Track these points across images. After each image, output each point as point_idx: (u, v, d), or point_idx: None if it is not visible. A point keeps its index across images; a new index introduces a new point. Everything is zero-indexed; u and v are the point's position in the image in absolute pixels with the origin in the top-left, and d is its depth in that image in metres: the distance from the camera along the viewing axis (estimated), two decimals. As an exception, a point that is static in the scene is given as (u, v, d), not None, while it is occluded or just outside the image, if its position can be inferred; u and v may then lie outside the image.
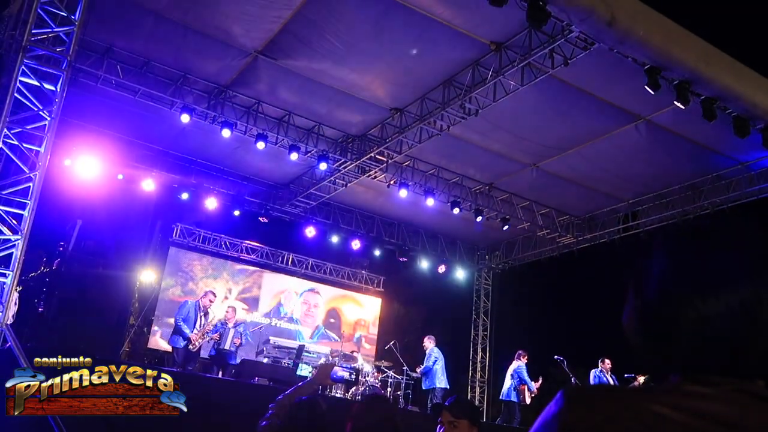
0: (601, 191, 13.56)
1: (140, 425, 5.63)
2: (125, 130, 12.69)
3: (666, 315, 0.91)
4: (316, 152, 12.26)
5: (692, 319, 0.89)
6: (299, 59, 10.05)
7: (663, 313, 0.92)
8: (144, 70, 10.75)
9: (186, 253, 16.23)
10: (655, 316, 0.93)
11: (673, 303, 0.91)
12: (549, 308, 24.95)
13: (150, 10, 9.30)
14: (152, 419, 3.27)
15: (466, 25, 8.89)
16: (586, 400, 0.89)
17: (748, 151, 11.06)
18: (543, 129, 11.22)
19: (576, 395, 0.91)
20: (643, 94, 8.59)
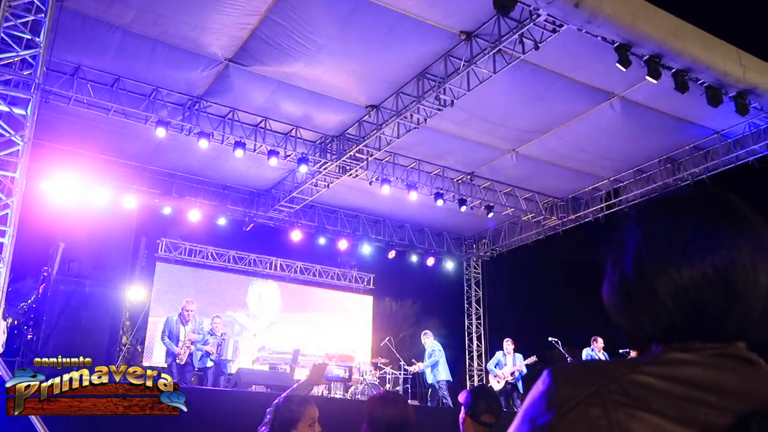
0: (582, 171, 13.65)
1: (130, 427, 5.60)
2: (101, 148, 12.57)
3: (643, 286, 0.92)
4: (296, 155, 12.22)
5: (669, 288, 0.90)
6: (271, 64, 10.01)
7: (640, 284, 0.93)
8: (115, 87, 10.66)
9: (173, 267, 16.13)
10: (633, 289, 0.94)
11: (649, 274, 0.92)
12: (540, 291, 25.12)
13: (116, 26, 9.22)
14: (147, 424, 3.26)
15: (435, 16, 8.90)
16: (572, 376, 0.90)
17: (722, 120, 11.17)
18: (519, 114, 11.27)
19: (562, 372, 0.91)
20: (615, 71, 8.66)
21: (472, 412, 3.08)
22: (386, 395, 3.32)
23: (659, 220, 0.96)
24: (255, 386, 10.20)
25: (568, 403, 0.86)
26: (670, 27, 8.53)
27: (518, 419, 0.92)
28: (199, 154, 12.43)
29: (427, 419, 8.78)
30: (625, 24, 8.07)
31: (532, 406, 0.91)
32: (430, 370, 12.42)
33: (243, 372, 11.06)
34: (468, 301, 18.01)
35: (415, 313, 27.42)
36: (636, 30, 8.18)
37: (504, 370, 12.43)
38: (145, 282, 15.48)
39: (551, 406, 0.88)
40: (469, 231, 17.63)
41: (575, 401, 0.86)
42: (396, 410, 3.13)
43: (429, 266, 17.21)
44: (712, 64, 8.92)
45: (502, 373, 12.40)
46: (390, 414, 3.10)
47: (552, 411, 0.87)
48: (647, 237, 0.94)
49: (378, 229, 16.41)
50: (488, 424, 3.05)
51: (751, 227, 0.92)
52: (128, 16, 8.99)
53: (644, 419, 0.83)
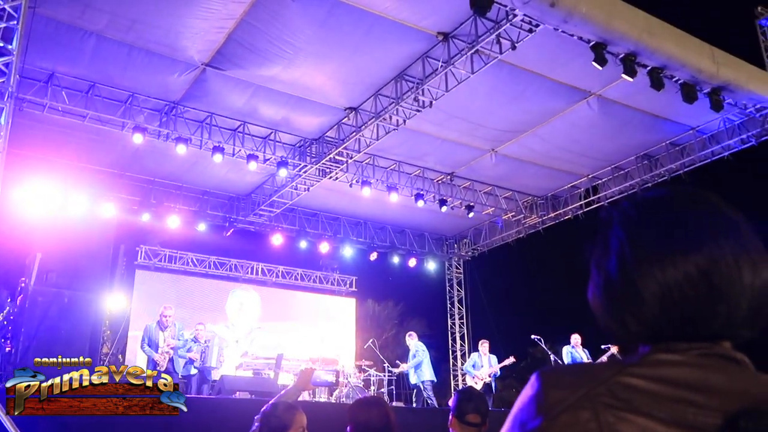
0: (561, 169, 13.76)
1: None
2: (77, 156, 12.42)
3: (628, 288, 0.92)
4: (275, 159, 12.17)
5: (653, 289, 0.90)
6: (248, 68, 9.96)
7: (625, 286, 0.93)
8: (90, 94, 10.53)
9: (153, 274, 15.99)
10: (617, 290, 0.94)
11: (633, 275, 0.92)
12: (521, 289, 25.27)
13: (90, 32, 9.11)
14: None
15: (412, 18, 8.92)
16: (560, 380, 0.90)
17: (697, 116, 11.33)
18: (498, 114, 11.32)
19: (551, 376, 0.91)
20: (592, 70, 8.74)
21: (458, 413, 3.10)
22: (367, 399, 3.34)
23: (642, 221, 0.96)
24: (239, 393, 10.12)
25: (557, 406, 0.86)
26: (645, 25, 8.62)
27: (508, 424, 0.92)
28: (177, 159, 12.33)
29: (412, 420, 8.78)
30: (600, 23, 8.14)
31: (521, 411, 0.91)
32: (413, 370, 12.43)
33: (226, 379, 10.96)
34: (450, 301, 18.06)
35: (398, 314, 27.48)
36: (611, 29, 8.26)
37: (481, 371, 12.48)
38: (125, 290, 15.32)
39: (541, 410, 0.87)
40: (450, 231, 17.68)
41: (564, 405, 0.86)
42: (377, 413, 3.15)
43: (411, 267, 17.23)
44: (687, 61, 9.03)
45: (480, 374, 12.46)
46: (371, 417, 3.12)
47: (542, 415, 0.87)
48: (630, 238, 0.95)
49: (359, 231, 16.39)
50: (475, 424, 3.07)
51: (733, 225, 0.92)
52: (102, 22, 8.90)
53: (633, 421, 0.83)
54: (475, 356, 12.83)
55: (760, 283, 0.90)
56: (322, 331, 17.66)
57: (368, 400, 3.32)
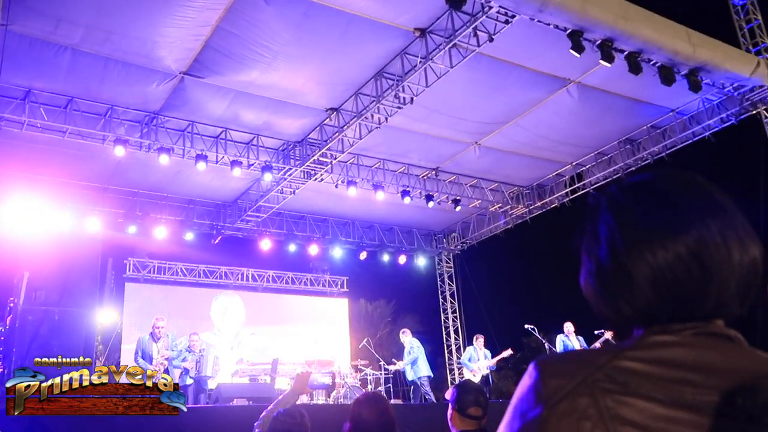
0: (544, 158, 13.81)
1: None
2: (59, 172, 12.31)
3: (620, 273, 0.93)
4: (259, 164, 12.13)
5: (645, 273, 0.91)
6: (226, 74, 9.92)
7: (617, 271, 0.93)
8: (69, 109, 10.45)
9: (143, 286, 15.91)
10: (610, 276, 0.95)
11: (624, 260, 0.92)
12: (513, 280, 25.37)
13: (65, 46, 9.04)
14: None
15: (388, 15, 8.91)
16: (558, 368, 0.90)
17: (676, 98, 11.41)
18: (479, 106, 11.34)
19: (548, 365, 0.92)
20: (570, 58, 8.78)
21: (458, 407, 3.09)
22: (366, 396, 3.33)
23: (630, 206, 0.97)
24: (236, 400, 10.09)
25: (556, 395, 0.87)
26: (620, 11, 8.67)
27: (509, 415, 0.93)
28: (160, 170, 12.26)
29: (411, 416, 8.79)
30: (575, 10, 8.18)
31: (521, 401, 0.91)
32: (410, 367, 12.44)
33: (223, 387, 10.93)
34: (442, 296, 18.10)
35: (391, 312, 27.50)
36: (586, 16, 8.30)
37: (478, 364, 12.52)
38: (116, 304, 15.23)
39: (540, 399, 0.88)
40: (438, 226, 17.71)
41: (563, 392, 0.86)
42: (376, 411, 3.14)
43: (401, 264, 17.24)
44: (663, 44, 9.10)
45: (477, 366, 12.49)
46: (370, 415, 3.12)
47: (541, 404, 0.87)
48: (619, 223, 0.95)
49: (347, 231, 16.38)
50: (476, 417, 3.07)
51: (719, 205, 0.94)
52: (77, 36, 8.83)
53: (632, 404, 0.83)
54: (471, 350, 12.87)
55: (748, 260, 0.91)
56: (316, 333, 17.67)
57: (366, 397, 3.31)
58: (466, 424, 3.07)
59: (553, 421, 0.86)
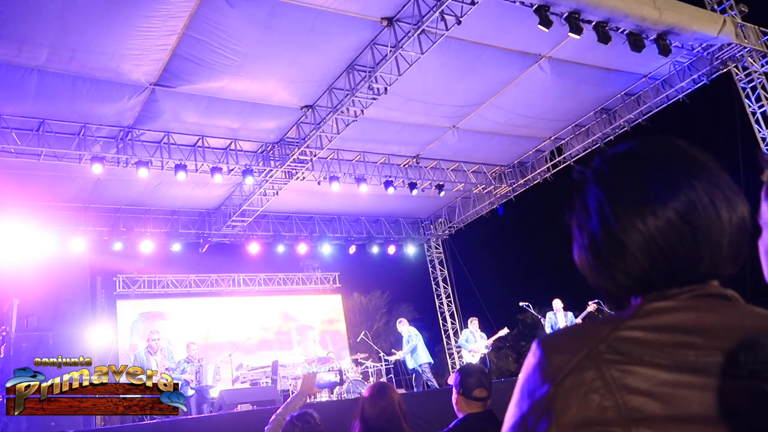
0: (523, 135, 13.85)
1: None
2: (39, 195, 12.19)
3: (613, 244, 0.93)
4: (239, 168, 12.07)
5: (638, 241, 0.91)
6: (197, 81, 9.84)
7: (610, 243, 0.94)
8: (41, 131, 10.33)
9: (134, 302, 15.81)
10: (603, 248, 0.95)
11: (616, 231, 0.93)
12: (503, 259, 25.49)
13: (31, 68, 8.92)
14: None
15: (354, 7, 8.87)
16: (561, 344, 0.91)
17: (648, 64, 11.47)
18: (453, 90, 11.34)
19: (551, 342, 0.92)
20: (539, 33, 8.80)
21: (463, 390, 3.11)
22: (369, 391, 3.34)
23: (616, 177, 0.97)
24: (240, 405, 10.07)
25: (561, 371, 0.87)
26: (583, -19, 8.69)
27: (516, 395, 0.93)
28: (140, 183, 12.16)
29: (416, 404, 8.82)
30: (539, -15, 8.18)
31: (527, 380, 0.92)
32: (410, 355, 12.48)
33: (225, 394, 10.89)
34: (435, 282, 18.15)
35: (385, 303, 27.55)
36: (551, -11, 8.31)
37: (476, 345, 12.59)
38: (109, 322, 15.13)
39: (546, 377, 0.88)
40: (424, 213, 17.73)
41: (568, 368, 0.87)
42: (380, 405, 3.16)
43: (391, 255, 17.26)
44: (629, 11, 9.14)
45: (476, 347, 12.56)
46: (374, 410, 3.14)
47: (548, 382, 0.88)
48: (608, 195, 0.96)
49: (334, 227, 16.36)
50: (481, 398, 3.08)
51: (703, 167, 0.94)
52: (42, 57, 8.71)
53: (638, 372, 0.84)
54: (467, 332, 12.94)
55: (737, 219, 0.92)
56: (313, 331, 17.65)
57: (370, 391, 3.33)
58: (471, 407, 3.08)
59: (562, 397, 0.86)
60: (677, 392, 0.83)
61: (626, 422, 0.83)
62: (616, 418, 0.83)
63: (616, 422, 0.83)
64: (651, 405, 0.83)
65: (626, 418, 0.83)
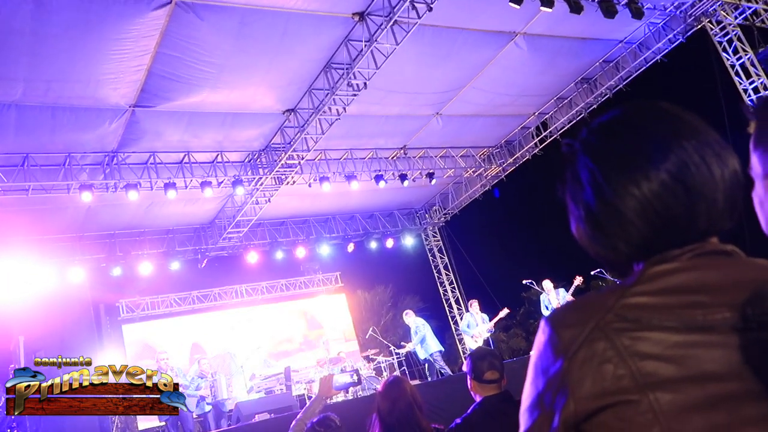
0: (506, 114, 13.84)
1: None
2: (33, 230, 12.13)
3: (609, 212, 0.94)
4: (229, 180, 12.04)
5: (634, 206, 0.92)
6: (176, 98, 9.79)
7: (605, 211, 0.94)
8: (26, 166, 10.27)
9: (139, 325, 15.79)
10: (599, 217, 0.95)
11: (611, 198, 0.93)
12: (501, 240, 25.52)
13: (7, 104, 8.88)
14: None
15: (324, 6, 8.83)
16: (569, 319, 0.91)
17: (622, 29, 11.46)
18: (432, 77, 11.32)
19: (558, 318, 0.93)
20: (511, 10, 8.79)
21: (475, 375, 3.12)
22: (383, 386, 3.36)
23: (605, 145, 0.97)
24: (257, 415, 10.08)
25: (572, 345, 0.88)
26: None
27: (531, 374, 0.93)
28: (132, 206, 12.13)
29: (432, 393, 8.83)
30: (506, -37, 8.17)
31: (540, 358, 0.92)
32: (420, 346, 12.50)
33: (242, 405, 10.90)
34: (436, 270, 18.17)
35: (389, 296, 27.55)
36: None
37: (478, 329, 12.62)
38: (117, 348, 15.10)
39: (558, 352, 0.89)
40: (417, 203, 17.73)
41: (579, 341, 0.87)
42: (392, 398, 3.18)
43: (390, 248, 17.25)
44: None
45: (478, 331, 12.59)
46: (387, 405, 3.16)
47: (560, 357, 0.88)
48: (599, 164, 0.96)
49: (330, 227, 16.35)
50: (493, 381, 3.10)
51: (690, 126, 0.94)
52: (17, 91, 8.66)
53: (648, 338, 0.84)
54: (468, 316, 12.97)
55: (729, 173, 0.92)
56: (321, 333, 17.66)
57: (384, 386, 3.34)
58: (486, 390, 3.10)
59: (576, 371, 0.87)
60: (689, 352, 0.83)
61: (642, 388, 0.83)
62: (632, 386, 0.83)
63: (632, 389, 0.83)
64: (665, 368, 0.83)
65: (642, 384, 0.83)
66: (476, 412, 3.06)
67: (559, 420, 0.88)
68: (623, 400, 0.84)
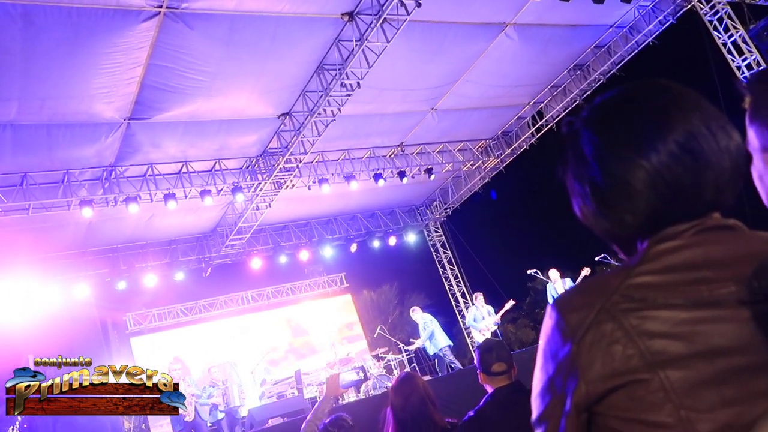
0: (501, 106, 13.83)
1: None
2: (36, 248, 12.15)
3: (616, 185, 0.93)
4: (228, 187, 12.05)
5: (643, 178, 0.91)
6: (171, 108, 9.80)
7: (613, 185, 0.94)
8: (25, 185, 10.28)
9: (148, 337, 15.80)
10: (606, 192, 0.95)
11: (619, 172, 0.93)
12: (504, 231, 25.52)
13: (3, 124, 8.88)
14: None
15: (312, 8, 8.82)
16: (575, 302, 0.91)
17: (612, 13, 11.45)
18: (425, 73, 11.31)
19: (565, 302, 0.93)
20: (500, 2, 8.79)
21: (484, 368, 3.13)
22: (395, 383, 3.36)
23: (610, 120, 0.97)
24: (271, 420, 10.09)
25: (580, 328, 0.88)
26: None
27: (540, 359, 0.94)
28: (133, 219, 12.14)
29: (444, 388, 8.84)
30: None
31: (548, 343, 0.92)
32: (428, 342, 12.51)
33: (254, 411, 10.91)
34: (441, 265, 18.16)
35: (395, 294, 27.59)
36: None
37: (484, 322, 12.63)
38: (127, 362, 15.11)
39: (566, 336, 0.89)
40: (417, 199, 17.73)
41: (586, 324, 0.87)
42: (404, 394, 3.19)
43: (393, 246, 17.26)
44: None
45: (485, 324, 12.60)
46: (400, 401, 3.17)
47: (569, 341, 0.88)
48: (604, 139, 0.96)
49: (332, 229, 16.35)
50: (502, 372, 3.10)
51: (692, 100, 0.95)
52: (12, 111, 8.66)
53: (656, 316, 0.84)
54: (474, 310, 12.98)
55: (734, 145, 0.92)
56: (330, 335, 17.66)
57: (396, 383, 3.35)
58: (496, 382, 3.10)
59: (585, 354, 0.87)
60: (697, 329, 0.83)
61: (652, 366, 0.83)
62: (642, 365, 0.84)
63: (642, 369, 0.83)
64: (674, 346, 0.83)
65: (651, 363, 0.83)
66: (488, 404, 3.06)
67: (571, 403, 0.88)
68: (634, 380, 0.84)
